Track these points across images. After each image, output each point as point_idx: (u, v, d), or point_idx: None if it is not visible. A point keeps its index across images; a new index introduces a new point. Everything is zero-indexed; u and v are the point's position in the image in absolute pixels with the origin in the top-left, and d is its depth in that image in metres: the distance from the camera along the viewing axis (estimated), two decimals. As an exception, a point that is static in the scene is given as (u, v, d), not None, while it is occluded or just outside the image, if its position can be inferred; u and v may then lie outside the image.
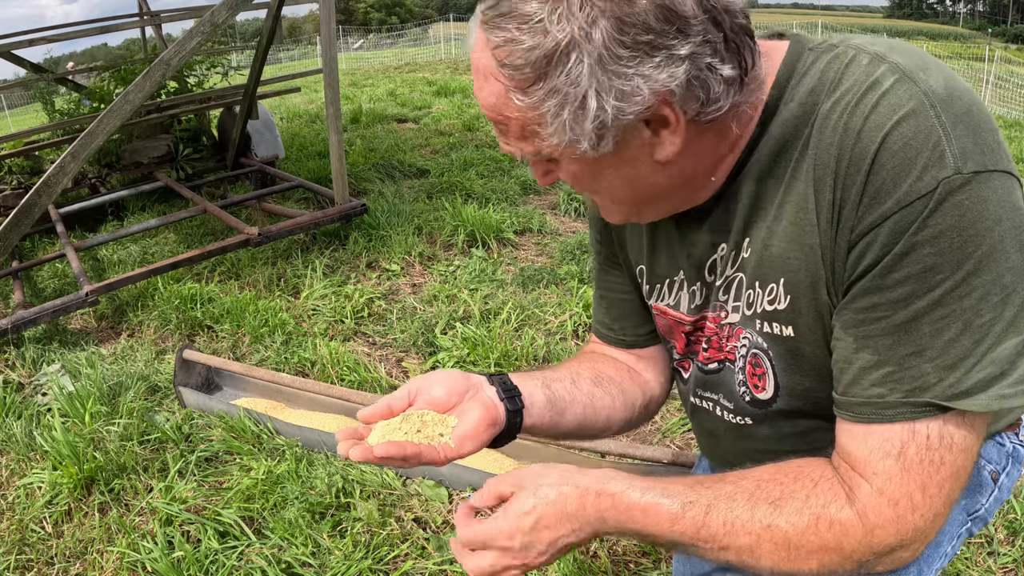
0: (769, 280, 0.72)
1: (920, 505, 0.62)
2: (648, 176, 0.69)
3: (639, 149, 0.66)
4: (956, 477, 0.62)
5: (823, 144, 0.64)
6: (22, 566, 1.80)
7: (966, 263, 0.58)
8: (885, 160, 0.59)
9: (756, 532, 0.65)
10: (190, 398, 2.44)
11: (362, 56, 27.20)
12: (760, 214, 0.71)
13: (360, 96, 11.47)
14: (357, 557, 1.69)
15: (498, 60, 0.62)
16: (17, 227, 3.17)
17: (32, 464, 2.17)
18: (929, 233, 0.58)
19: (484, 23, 0.62)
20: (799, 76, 0.67)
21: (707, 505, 0.66)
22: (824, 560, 0.65)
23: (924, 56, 0.64)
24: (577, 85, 0.60)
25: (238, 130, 5.10)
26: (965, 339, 0.59)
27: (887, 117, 0.59)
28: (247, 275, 3.66)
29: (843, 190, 0.62)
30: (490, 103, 0.65)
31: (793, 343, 0.73)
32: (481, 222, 4.04)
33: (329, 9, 3.66)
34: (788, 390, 0.76)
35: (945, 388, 0.60)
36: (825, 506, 0.64)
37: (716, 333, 0.82)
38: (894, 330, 0.61)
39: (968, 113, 0.59)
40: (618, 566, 1.71)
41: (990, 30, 56.93)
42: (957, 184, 0.57)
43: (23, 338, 3.05)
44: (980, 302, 0.58)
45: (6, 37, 5.14)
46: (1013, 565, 1.66)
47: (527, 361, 2.62)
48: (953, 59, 13.70)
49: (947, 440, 0.61)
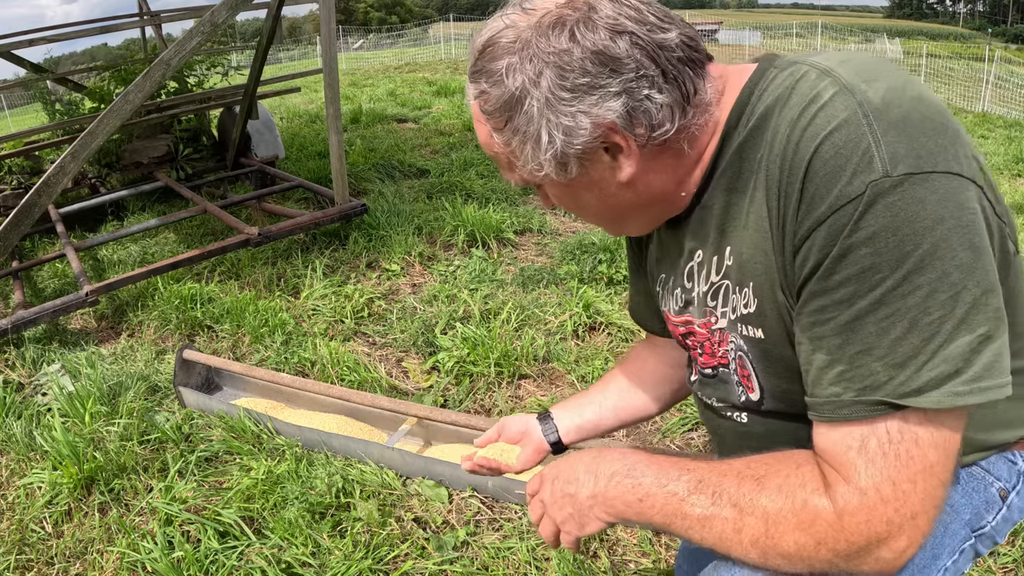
0: (744, 285, 0.77)
1: (890, 498, 0.62)
2: (617, 195, 0.79)
3: (603, 172, 0.76)
4: (930, 473, 0.62)
5: (772, 156, 0.69)
6: (22, 566, 1.80)
7: (906, 262, 0.60)
8: (818, 168, 0.63)
9: (740, 505, 0.68)
10: (190, 398, 2.44)
11: (362, 56, 27.19)
12: (733, 223, 0.77)
13: (360, 96, 11.46)
14: (357, 557, 1.69)
15: (480, 107, 0.76)
16: (17, 227, 3.17)
17: (32, 464, 2.17)
18: (863, 235, 0.61)
19: (469, 78, 0.77)
20: (760, 93, 0.73)
21: (700, 478, 0.72)
22: (799, 541, 0.66)
23: (876, 68, 0.67)
24: (531, 123, 0.72)
25: (238, 130, 5.09)
26: (913, 337, 0.61)
27: (821, 128, 0.64)
28: (247, 275, 3.66)
29: (785, 198, 0.67)
30: (482, 141, 0.80)
31: (765, 345, 0.77)
32: (481, 222, 4.04)
33: (329, 9, 3.66)
34: (770, 392, 0.81)
35: (896, 386, 0.62)
36: (802, 486, 0.67)
37: (708, 339, 0.86)
38: (841, 330, 0.64)
39: (904, 120, 0.62)
40: (618, 566, 1.71)
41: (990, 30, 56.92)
42: (886, 186, 0.60)
43: (23, 338, 3.05)
44: (926, 300, 0.60)
45: (6, 37, 5.13)
46: (1013, 565, 1.66)
47: (527, 361, 2.62)
48: (953, 59, 13.69)
49: (909, 435, 0.62)
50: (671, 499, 0.73)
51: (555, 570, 1.65)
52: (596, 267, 3.46)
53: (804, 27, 20.76)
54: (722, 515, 0.69)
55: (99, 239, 4.02)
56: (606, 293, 3.20)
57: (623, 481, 0.77)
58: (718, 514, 0.69)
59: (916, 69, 13.46)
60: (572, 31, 0.69)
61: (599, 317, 2.95)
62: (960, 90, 12.05)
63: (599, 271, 3.42)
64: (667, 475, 0.74)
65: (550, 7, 0.72)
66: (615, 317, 2.92)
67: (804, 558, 0.67)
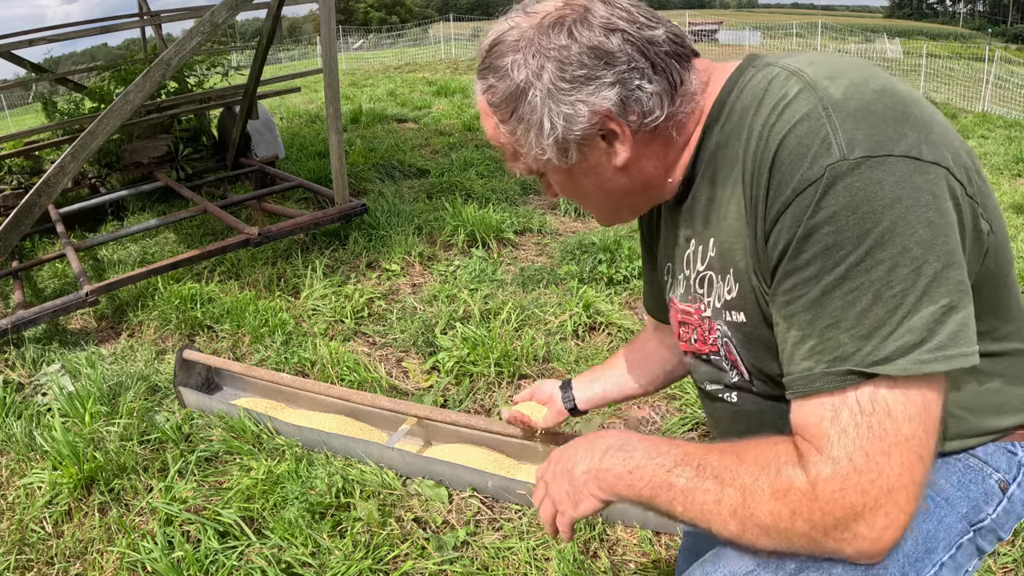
0: (725, 272, 0.82)
1: (864, 468, 0.63)
2: (613, 179, 0.86)
3: (600, 158, 0.83)
4: (905, 447, 0.63)
5: (748, 152, 0.75)
6: (22, 566, 1.79)
7: (867, 238, 0.64)
8: (783, 157, 0.69)
9: (721, 477, 0.71)
10: (190, 398, 2.44)
11: (362, 56, 27.19)
12: (716, 215, 0.83)
13: (360, 96, 11.46)
14: (357, 557, 1.69)
15: (488, 101, 0.84)
16: (17, 227, 3.17)
17: (32, 464, 2.17)
18: (824, 215, 0.65)
19: (477, 75, 0.85)
20: (739, 90, 0.79)
21: (686, 452, 0.76)
22: (775, 510, 0.67)
23: (842, 66, 0.73)
24: (535, 112, 0.80)
25: (238, 130, 5.09)
26: (878, 309, 0.64)
27: (787, 123, 0.70)
28: (247, 275, 3.66)
29: (756, 187, 0.73)
30: (489, 134, 0.88)
31: (746, 328, 0.82)
32: (481, 222, 4.04)
33: (329, 9, 3.66)
34: (756, 374, 0.85)
35: (864, 356, 0.64)
36: (777, 457, 0.69)
37: (700, 325, 0.92)
38: (811, 305, 0.68)
39: (863, 110, 0.67)
40: (618, 566, 1.71)
41: (990, 30, 56.91)
42: (844, 169, 0.64)
43: (23, 338, 3.05)
44: (889, 274, 0.63)
45: (6, 37, 5.13)
46: (1013, 565, 1.66)
47: (527, 361, 2.62)
48: (953, 59, 13.68)
49: (881, 405, 0.64)
50: (658, 471, 0.75)
51: (555, 570, 1.65)
52: (596, 267, 3.46)
53: (804, 27, 20.75)
54: (704, 487, 0.72)
55: (99, 239, 4.02)
56: (606, 293, 3.20)
57: (616, 454, 0.81)
58: (700, 486, 0.72)
59: (916, 69, 13.46)
60: (570, 29, 0.77)
61: (599, 317, 2.95)
62: (960, 90, 12.05)
63: (599, 271, 3.42)
64: (657, 449, 0.78)
65: (550, 9, 0.79)
66: (615, 317, 2.92)
67: (781, 530, 0.67)
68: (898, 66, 15.09)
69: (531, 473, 1.98)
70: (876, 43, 20.06)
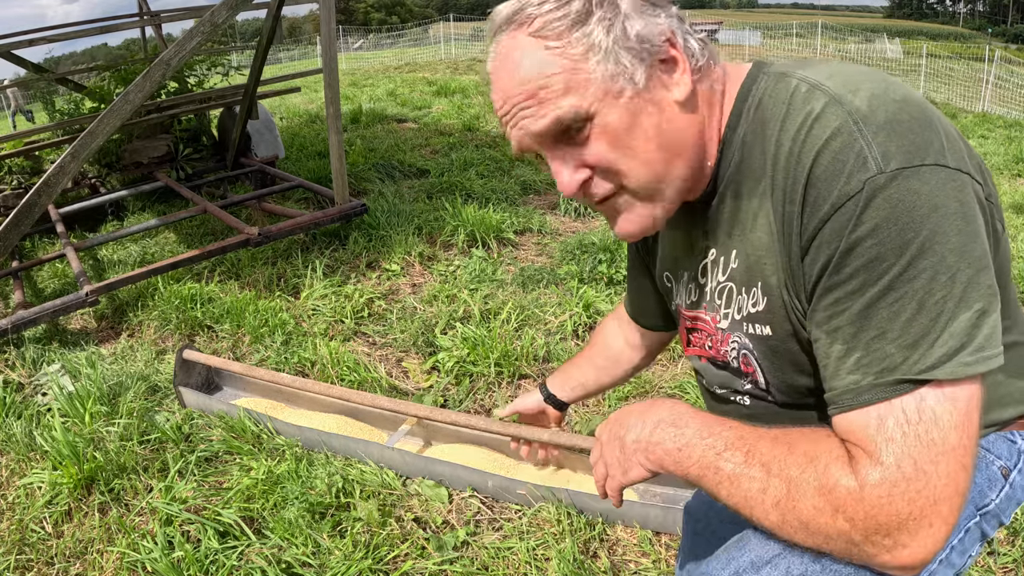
0: (751, 285, 0.81)
1: (912, 476, 0.62)
2: (673, 120, 0.78)
3: (661, 90, 0.77)
4: (952, 456, 0.62)
5: (778, 168, 0.74)
6: (22, 566, 1.79)
7: (909, 248, 0.64)
8: (819, 173, 0.68)
9: (769, 466, 0.70)
10: (190, 398, 2.44)
11: (362, 56, 27.18)
12: (740, 227, 0.81)
13: (360, 96, 11.46)
14: (357, 557, 1.69)
15: (535, 31, 0.74)
16: (17, 227, 3.17)
17: (32, 464, 2.17)
18: (866, 228, 0.65)
19: (508, 26, 0.77)
20: (754, 99, 0.79)
21: (739, 435, 0.74)
22: (818, 505, 0.66)
23: (858, 76, 0.73)
24: (616, 16, 0.74)
25: (238, 130, 5.09)
26: (922, 317, 0.64)
27: (819, 138, 0.69)
28: (247, 275, 3.66)
29: (791, 204, 0.72)
30: (530, 74, 0.75)
31: (772, 341, 0.81)
32: (481, 222, 4.04)
33: (329, 9, 3.66)
34: (776, 385, 0.85)
35: (911, 365, 0.64)
36: (828, 452, 0.68)
37: (714, 334, 0.91)
38: (856, 318, 0.67)
39: (892, 121, 0.67)
40: (618, 566, 1.71)
41: (990, 30, 56.93)
42: (882, 182, 0.64)
43: (23, 338, 3.05)
44: (930, 282, 0.64)
45: (6, 37, 5.13)
46: (1013, 565, 1.66)
47: (527, 361, 2.62)
48: (953, 59, 13.67)
49: (928, 415, 0.64)
50: (708, 452, 0.74)
51: (555, 570, 1.65)
52: (596, 267, 3.46)
53: (804, 27, 20.74)
54: (750, 474, 0.71)
55: (99, 239, 4.02)
56: (606, 293, 3.20)
57: (667, 429, 0.79)
58: (747, 473, 0.71)
59: (916, 69, 13.46)
60: None
61: (599, 317, 2.95)
62: (960, 90, 12.05)
63: (599, 271, 3.42)
64: (709, 428, 0.76)
65: None
66: (615, 317, 2.92)
67: (820, 525, 0.66)
68: (898, 66, 15.09)
69: (531, 473, 1.98)
70: (876, 43, 20.06)
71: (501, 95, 0.78)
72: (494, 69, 0.79)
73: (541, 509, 1.84)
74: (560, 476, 1.97)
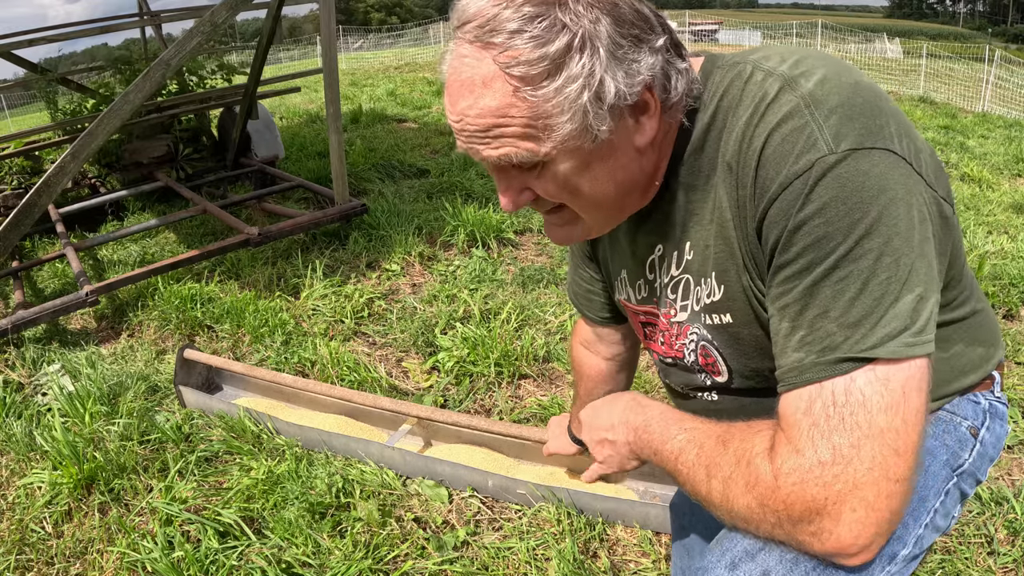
0: (706, 276, 0.82)
1: (828, 462, 0.62)
2: (627, 165, 0.76)
3: (624, 136, 0.74)
4: (878, 440, 0.61)
5: (729, 153, 0.74)
6: (22, 566, 1.79)
7: (856, 228, 0.64)
8: (769, 155, 0.68)
9: (709, 466, 0.72)
10: (190, 398, 2.44)
11: (362, 56, 27.16)
12: (694, 219, 0.81)
13: (360, 96, 11.46)
14: (357, 557, 1.69)
15: (504, 64, 0.67)
16: (17, 227, 3.17)
17: (32, 464, 2.17)
18: (814, 207, 0.65)
19: (475, 39, 0.68)
20: (710, 92, 0.77)
21: (691, 438, 0.77)
22: (747, 503, 0.67)
23: (811, 61, 0.72)
24: (594, 71, 0.67)
25: (238, 130, 5.09)
26: (865, 297, 0.64)
27: (770, 121, 0.69)
28: (247, 275, 3.66)
29: (742, 187, 0.72)
30: (491, 108, 0.69)
31: (733, 329, 0.82)
32: (481, 222, 4.04)
33: (329, 9, 3.66)
34: (739, 372, 0.86)
35: (853, 344, 0.64)
36: (752, 447, 0.69)
37: (668, 330, 0.92)
38: (801, 296, 0.67)
39: (844, 104, 0.67)
40: (618, 566, 1.71)
41: (990, 30, 56.93)
42: (831, 162, 0.65)
43: (23, 338, 3.05)
44: (875, 263, 0.64)
45: (6, 37, 5.13)
46: (1013, 565, 1.66)
47: (527, 361, 2.62)
48: (953, 59, 13.66)
49: (856, 397, 0.63)
50: (670, 457, 0.79)
51: (555, 570, 1.65)
52: (596, 267, 3.46)
53: (804, 27, 20.72)
54: (698, 476, 0.73)
55: (99, 239, 4.02)
56: (606, 293, 3.19)
57: (642, 436, 0.85)
58: (695, 476, 0.74)
59: (916, 69, 13.46)
60: None
61: (599, 317, 2.94)
62: (960, 90, 12.04)
63: (599, 271, 3.41)
64: (668, 432, 0.81)
65: None
66: (615, 317, 2.92)
67: (755, 522, 0.67)
68: (898, 66, 15.08)
69: (531, 473, 1.98)
70: (876, 43, 20.04)
71: (455, 109, 0.72)
72: (451, 77, 0.71)
73: (541, 509, 1.84)
74: (560, 476, 1.97)
